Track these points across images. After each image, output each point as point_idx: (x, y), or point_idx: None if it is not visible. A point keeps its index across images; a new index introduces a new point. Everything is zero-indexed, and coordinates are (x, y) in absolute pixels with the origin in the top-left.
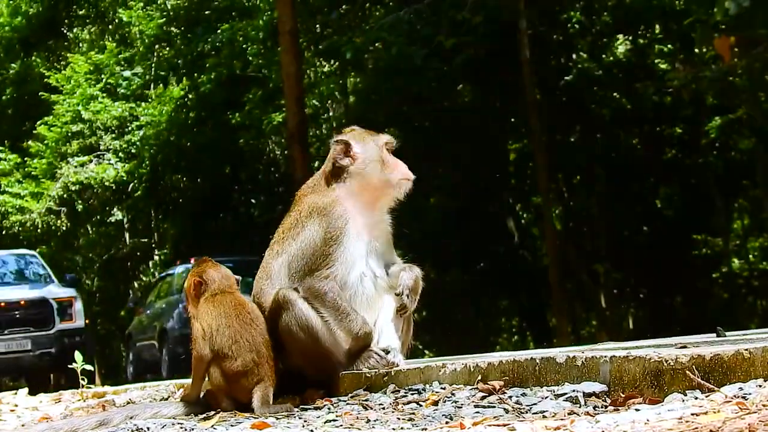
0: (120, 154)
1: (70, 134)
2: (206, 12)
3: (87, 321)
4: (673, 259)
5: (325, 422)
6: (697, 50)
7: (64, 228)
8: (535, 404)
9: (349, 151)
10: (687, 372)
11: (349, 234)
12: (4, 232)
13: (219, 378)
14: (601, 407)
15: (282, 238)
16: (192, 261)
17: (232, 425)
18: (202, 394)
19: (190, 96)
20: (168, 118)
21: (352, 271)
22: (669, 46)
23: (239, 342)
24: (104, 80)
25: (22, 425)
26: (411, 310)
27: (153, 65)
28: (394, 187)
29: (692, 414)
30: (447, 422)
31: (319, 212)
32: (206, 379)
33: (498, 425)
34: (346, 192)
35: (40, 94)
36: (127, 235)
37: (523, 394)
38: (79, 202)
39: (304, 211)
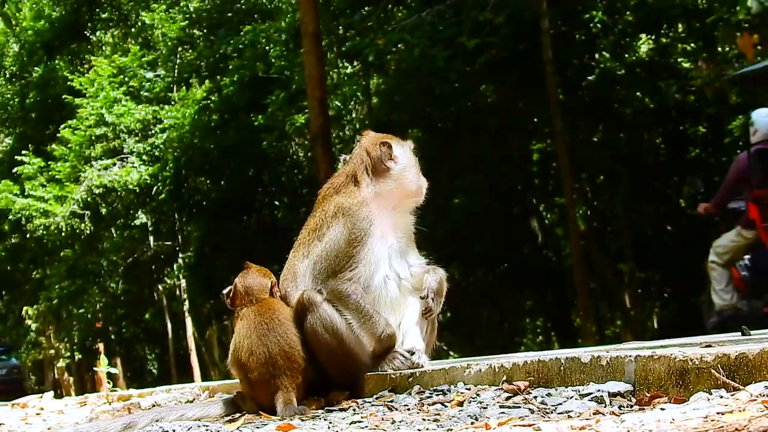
0: (143, 157)
1: (93, 137)
2: (229, 14)
3: None
4: (698, 258)
5: (350, 423)
6: (720, 49)
7: (88, 231)
8: (560, 404)
9: (391, 153)
10: (712, 371)
11: (374, 236)
12: (28, 236)
13: (244, 383)
14: (627, 407)
15: (307, 240)
16: None
17: (257, 427)
18: (232, 396)
19: (212, 98)
20: (191, 121)
21: (375, 273)
22: (692, 44)
23: (255, 354)
24: (127, 83)
25: (48, 429)
26: (436, 313)
27: (176, 68)
28: (421, 194)
29: (718, 413)
30: (472, 423)
31: (345, 213)
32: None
33: (523, 425)
34: (374, 193)
35: (63, 97)
36: (151, 238)
37: (549, 394)
38: (103, 205)
39: (330, 212)
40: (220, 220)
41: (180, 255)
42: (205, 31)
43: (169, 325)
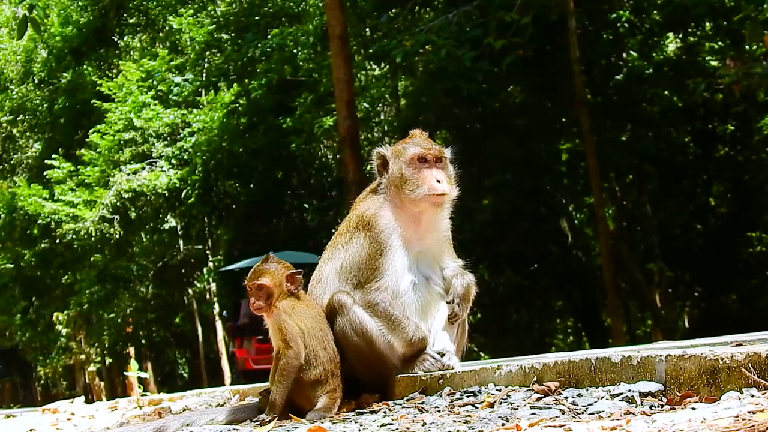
0: (172, 160)
1: (122, 142)
2: (256, 18)
3: None
4: (727, 257)
5: (380, 426)
6: (747, 47)
7: (117, 236)
8: (591, 404)
9: (387, 164)
10: (743, 370)
11: (394, 246)
12: (58, 241)
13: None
14: (658, 406)
15: (333, 244)
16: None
17: (288, 430)
18: (256, 398)
19: (241, 101)
20: (219, 124)
21: (402, 280)
22: (719, 43)
23: (327, 349)
24: (156, 87)
25: None
26: (462, 318)
27: (204, 71)
28: (420, 203)
29: (749, 412)
30: (503, 424)
31: (364, 226)
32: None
33: (554, 426)
34: (389, 203)
35: (92, 102)
36: (180, 242)
37: (579, 395)
38: (133, 209)
39: (353, 221)
40: (249, 223)
41: (210, 258)
42: (232, 34)
43: (200, 329)
